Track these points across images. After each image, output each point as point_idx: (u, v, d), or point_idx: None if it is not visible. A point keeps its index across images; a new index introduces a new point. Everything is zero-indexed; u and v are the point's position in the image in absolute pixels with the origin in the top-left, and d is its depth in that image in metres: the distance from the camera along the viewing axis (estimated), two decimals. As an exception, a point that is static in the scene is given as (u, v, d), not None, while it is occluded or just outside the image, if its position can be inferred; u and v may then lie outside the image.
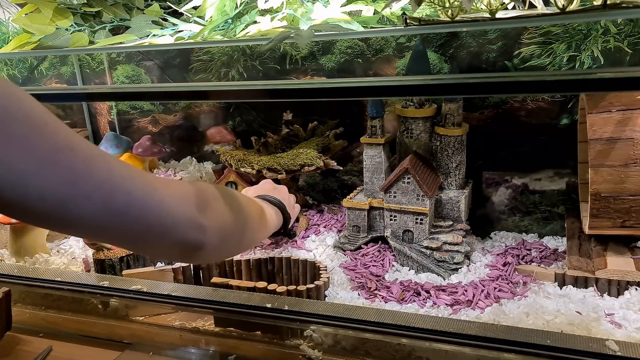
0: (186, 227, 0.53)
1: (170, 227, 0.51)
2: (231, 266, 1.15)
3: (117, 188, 0.47)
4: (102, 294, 1.05)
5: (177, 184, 0.55)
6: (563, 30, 1.11)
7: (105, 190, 0.47)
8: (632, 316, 0.90)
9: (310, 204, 1.49)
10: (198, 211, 0.54)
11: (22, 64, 1.80)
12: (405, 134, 1.26)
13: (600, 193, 0.99)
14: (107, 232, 0.49)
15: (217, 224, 0.57)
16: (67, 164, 0.45)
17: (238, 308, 0.94)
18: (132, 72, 1.67)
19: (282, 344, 0.93)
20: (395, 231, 1.20)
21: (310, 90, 0.83)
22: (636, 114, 0.98)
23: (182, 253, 0.55)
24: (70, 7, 1.17)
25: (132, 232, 0.50)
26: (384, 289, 1.06)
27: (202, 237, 0.54)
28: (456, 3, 0.80)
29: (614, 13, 0.68)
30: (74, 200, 0.45)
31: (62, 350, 0.99)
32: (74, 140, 0.46)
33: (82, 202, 0.45)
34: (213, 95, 1.06)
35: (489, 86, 0.72)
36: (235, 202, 0.64)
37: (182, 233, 0.53)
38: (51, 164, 0.44)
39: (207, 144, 1.69)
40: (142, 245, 0.54)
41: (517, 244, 1.23)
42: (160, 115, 1.71)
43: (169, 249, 0.54)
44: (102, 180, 0.47)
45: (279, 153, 1.39)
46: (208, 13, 1.05)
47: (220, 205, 0.59)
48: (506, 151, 1.29)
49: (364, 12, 0.98)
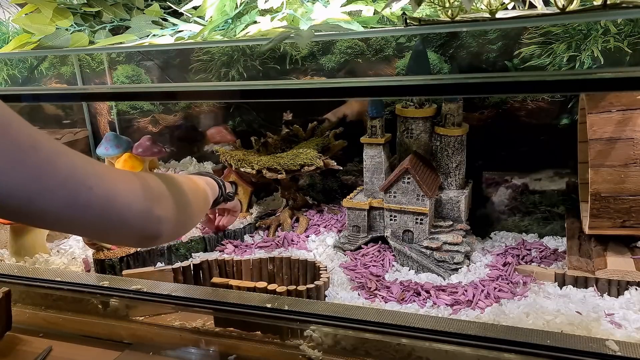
0: (145, 220, 0.57)
1: (130, 219, 0.56)
2: (231, 266, 1.15)
3: (80, 184, 0.50)
4: (102, 294, 1.05)
5: (133, 178, 0.59)
6: (563, 30, 1.11)
7: (69, 187, 0.49)
8: (632, 316, 0.90)
9: (310, 204, 1.49)
10: (155, 203, 0.59)
11: (22, 64, 1.80)
12: (405, 134, 1.26)
13: (600, 193, 0.99)
14: (71, 224, 0.52)
15: (170, 213, 0.62)
16: (32, 163, 0.47)
17: (238, 308, 0.94)
18: (132, 72, 1.67)
19: (282, 344, 0.93)
20: (395, 231, 1.20)
21: (310, 90, 0.83)
22: (636, 114, 0.98)
23: (141, 241, 0.62)
24: (70, 7, 1.17)
25: (95, 225, 0.53)
26: (384, 289, 1.06)
27: (159, 227, 0.59)
28: (456, 3, 0.80)
29: (614, 13, 0.68)
30: (39, 196, 0.47)
31: (62, 350, 0.99)
32: (38, 139, 0.48)
33: (47, 197, 0.48)
34: (213, 95, 1.06)
35: (489, 86, 0.72)
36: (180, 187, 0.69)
37: (141, 225, 0.57)
38: (16, 163, 0.45)
39: (207, 144, 1.69)
40: (104, 235, 0.58)
41: (517, 244, 1.23)
42: (160, 115, 1.71)
43: (128, 238, 0.60)
44: (66, 177, 0.49)
45: (279, 153, 1.39)
46: (208, 13, 1.05)
47: (171, 194, 0.64)
48: (506, 151, 1.29)
49: (364, 12, 0.98)
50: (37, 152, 0.47)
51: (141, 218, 0.57)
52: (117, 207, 0.54)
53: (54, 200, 0.48)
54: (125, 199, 0.55)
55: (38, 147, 0.48)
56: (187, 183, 0.74)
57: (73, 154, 0.51)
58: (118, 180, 0.55)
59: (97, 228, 0.54)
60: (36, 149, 0.47)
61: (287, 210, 1.41)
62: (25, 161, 0.46)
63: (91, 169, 0.52)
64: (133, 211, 0.56)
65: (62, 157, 0.50)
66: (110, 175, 0.54)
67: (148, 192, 0.59)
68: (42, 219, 0.50)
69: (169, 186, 0.65)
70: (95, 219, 0.52)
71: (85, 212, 0.51)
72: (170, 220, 0.61)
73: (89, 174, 0.51)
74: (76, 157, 0.51)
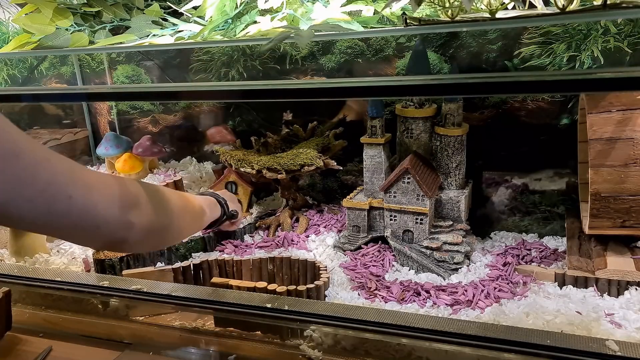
0: (114, 226, 0.58)
1: (102, 226, 0.57)
2: (231, 266, 1.15)
3: (59, 193, 0.51)
4: (102, 294, 1.05)
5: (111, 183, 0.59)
6: (563, 30, 1.11)
7: (47, 196, 0.50)
8: (632, 316, 0.90)
9: (310, 204, 1.49)
10: (128, 210, 0.60)
11: (22, 64, 1.80)
12: (405, 134, 1.26)
13: (600, 193, 0.99)
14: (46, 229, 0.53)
15: (144, 221, 0.62)
16: (11, 171, 0.47)
17: (238, 308, 0.94)
18: (132, 72, 1.67)
19: (282, 344, 0.93)
20: (395, 231, 1.20)
21: (310, 90, 0.83)
22: (636, 114, 0.98)
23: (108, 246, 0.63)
24: (70, 7, 1.17)
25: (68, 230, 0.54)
26: (384, 289, 1.06)
27: (127, 234, 0.60)
28: (456, 3, 0.80)
29: (614, 13, 0.68)
30: (16, 204, 0.48)
31: (62, 350, 0.99)
32: (21, 146, 0.48)
33: (25, 206, 0.49)
34: (213, 95, 1.06)
35: (489, 86, 0.72)
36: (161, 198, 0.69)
37: (111, 231, 0.58)
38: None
39: (207, 144, 1.69)
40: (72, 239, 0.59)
41: (517, 244, 1.23)
42: (160, 115, 1.71)
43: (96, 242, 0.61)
44: (44, 186, 0.50)
45: (279, 153, 1.39)
46: (208, 13, 1.05)
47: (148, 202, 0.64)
48: (506, 151, 1.29)
49: (364, 12, 0.98)
50: (18, 161, 0.47)
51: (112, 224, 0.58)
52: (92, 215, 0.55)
53: (32, 208, 0.49)
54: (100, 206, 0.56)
55: (20, 156, 0.48)
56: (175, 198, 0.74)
57: (56, 160, 0.52)
58: (96, 187, 0.56)
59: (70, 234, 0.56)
60: (18, 157, 0.47)
61: (287, 210, 1.41)
62: (4, 170, 0.46)
63: (71, 177, 0.52)
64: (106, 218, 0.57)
65: (44, 165, 0.50)
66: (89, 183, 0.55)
67: (124, 198, 0.60)
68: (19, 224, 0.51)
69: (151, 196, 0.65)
70: (70, 225, 0.53)
71: (62, 220, 0.52)
72: (142, 226, 0.62)
73: (68, 183, 0.52)
74: (59, 164, 0.52)
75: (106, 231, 0.58)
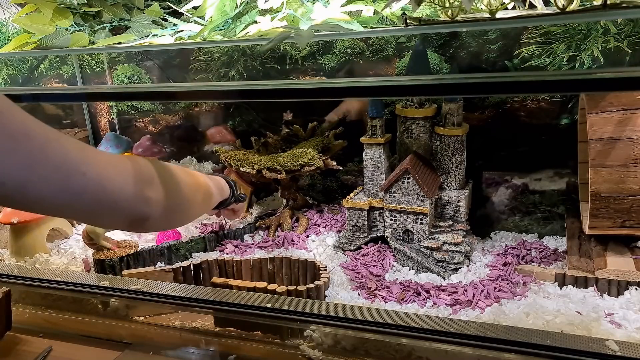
0: (134, 202, 0.58)
1: (121, 202, 0.56)
2: (231, 266, 1.15)
3: (73, 170, 0.51)
4: (102, 294, 1.05)
5: (126, 161, 0.59)
6: (563, 30, 1.11)
7: (62, 173, 0.50)
8: (632, 316, 0.90)
9: (310, 204, 1.49)
10: (144, 186, 0.60)
11: (22, 64, 1.80)
12: (405, 134, 1.26)
13: (600, 193, 0.99)
14: (65, 209, 0.53)
15: (161, 197, 0.62)
16: (24, 150, 0.47)
17: (238, 308, 0.94)
18: (132, 72, 1.67)
19: (282, 344, 0.93)
20: (395, 231, 1.20)
21: (310, 90, 0.83)
22: (636, 114, 0.98)
23: (131, 224, 0.61)
24: (70, 7, 1.17)
25: (87, 209, 0.54)
26: (384, 289, 1.06)
27: (147, 210, 0.60)
28: (456, 3, 0.80)
29: (614, 13, 0.68)
30: (32, 184, 0.48)
31: (62, 350, 0.99)
32: (30, 126, 0.48)
33: (40, 185, 0.49)
34: (213, 95, 1.06)
35: (489, 86, 0.72)
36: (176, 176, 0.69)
37: (131, 207, 0.58)
38: (8, 151, 0.46)
39: (207, 144, 1.69)
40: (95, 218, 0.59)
41: (517, 244, 1.23)
42: (160, 115, 1.71)
43: (119, 220, 0.60)
44: (58, 164, 0.50)
45: (279, 153, 1.39)
46: (208, 13, 1.05)
47: (164, 179, 0.64)
48: (506, 151, 1.29)
49: (364, 12, 0.98)
50: (29, 140, 0.47)
51: (131, 199, 0.58)
52: (109, 191, 0.55)
53: (48, 187, 0.49)
54: (116, 182, 0.56)
55: (31, 135, 0.48)
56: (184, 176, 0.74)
57: (65, 140, 0.52)
58: (110, 164, 0.56)
59: (91, 212, 0.55)
60: (29, 136, 0.48)
61: (287, 210, 1.41)
62: (17, 149, 0.46)
63: (84, 155, 0.53)
64: (124, 193, 0.57)
65: (54, 144, 0.50)
66: (102, 160, 0.55)
67: (139, 174, 0.59)
68: (37, 205, 0.51)
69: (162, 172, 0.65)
70: (88, 203, 0.53)
71: (79, 198, 0.52)
72: (160, 202, 0.62)
73: (81, 160, 0.52)
74: (69, 143, 0.52)
75: (125, 207, 0.57)
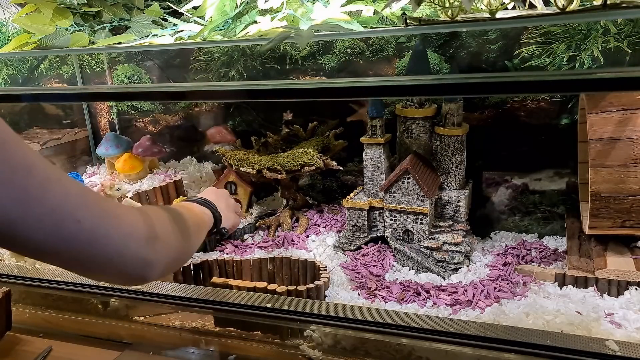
0: (131, 262, 0.54)
1: (116, 259, 0.52)
2: (231, 266, 1.15)
3: (68, 215, 0.48)
4: (102, 294, 1.05)
5: (128, 214, 0.55)
6: (563, 30, 1.11)
7: (56, 216, 0.47)
8: (632, 316, 0.90)
9: (310, 204, 1.49)
10: (146, 246, 0.55)
11: (22, 64, 1.80)
12: (405, 134, 1.26)
13: (600, 193, 0.99)
14: (53, 256, 0.49)
15: (163, 257, 0.58)
16: (22, 185, 0.45)
17: (238, 308, 0.94)
18: (132, 72, 1.67)
19: (282, 344, 0.93)
20: (395, 231, 1.20)
21: (310, 90, 0.83)
22: (636, 114, 0.98)
23: (126, 282, 0.58)
24: (70, 7, 1.17)
25: (77, 259, 0.51)
26: (384, 289, 1.06)
27: (146, 272, 0.56)
28: (456, 3, 0.80)
29: (614, 13, 0.68)
30: (23, 221, 0.45)
31: (62, 350, 0.99)
32: (33, 161, 0.46)
33: (31, 224, 0.46)
34: (213, 95, 1.06)
35: (489, 86, 0.72)
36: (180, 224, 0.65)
37: (127, 267, 0.54)
38: (5, 183, 0.43)
39: (207, 144, 1.69)
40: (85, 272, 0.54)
41: (517, 244, 1.23)
42: (160, 115, 1.71)
43: (112, 277, 0.56)
44: (54, 206, 0.47)
45: (279, 153, 1.39)
46: (208, 13, 1.05)
47: (168, 235, 0.61)
48: (506, 151, 1.29)
49: (364, 12, 0.98)
50: (29, 175, 0.45)
51: (128, 258, 0.54)
52: (103, 245, 0.51)
53: (39, 228, 0.46)
54: (113, 237, 0.52)
55: (32, 171, 0.46)
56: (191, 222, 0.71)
57: (67, 181, 0.49)
58: (112, 215, 0.52)
59: (80, 262, 0.51)
60: (29, 172, 0.45)
61: (287, 210, 1.41)
62: (13, 182, 0.44)
63: (83, 201, 0.49)
64: (119, 249, 0.53)
65: (54, 184, 0.47)
66: (104, 210, 0.51)
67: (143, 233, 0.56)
68: (24, 245, 0.47)
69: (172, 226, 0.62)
70: (79, 254, 0.50)
71: (70, 245, 0.49)
72: (162, 264, 0.58)
73: (79, 207, 0.49)
74: (70, 185, 0.49)
75: (121, 266, 0.53)
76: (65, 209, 0.48)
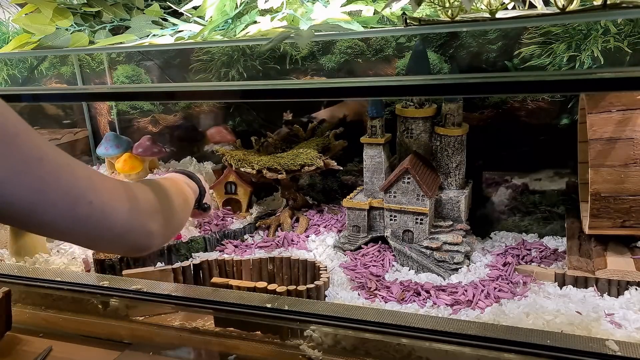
0: (137, 235, 0.61)
1: (123, 233, 0.58)
2: (231, 266, 1.15)
3: (80, 197, 0.52)
4: (102, 294, 1.05)
5: (132, 191, 0.61)
6: (563, 30, 1.11)
7: (69, 199, 0.51)
8: (632, 316, 0.90)
9: (310, 204, 1.49)
10: (148, 219, 0.62)
11: (22, 64, 1.80)
12: (405, 134, 1.26)
13: (600, 193, 0.99)
14: (69, 235, 0.55)
15: (161, 226, 0.64)
16: (36, 174, 0.48)
17: (238, 308, 0.94)
18: (132, 72, 1.67)
19: (282, 344, 0.93)
20: (395, 231, 1.20)
21: (310, 90, 0.83)
22: (636, 114, 0.98)
23: (129, 253, 0.65)
24: (70, 7, 1.17)
25: (90, 235, 0.56)
26: (384, 289, 1.06)
27: (149, 242, 0.63)
28: (456, 3, 0.80)
29: (614, 13, 0.68)
30: (41, 207, 0.50)
31: (62, 350, 0.99)
32: (44, 150, 0.50)
33: (48, 209, 0.50)
34: (213, 95, 1.06)
35: (489, 86, 0.72)
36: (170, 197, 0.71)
37: (133, 239, 0.60)
38: (21, 174, 0.47)
39: (207, 144, 1.69)
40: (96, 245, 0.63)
41: (517, 244, 1.23)
42: (160, 115, 1.71)
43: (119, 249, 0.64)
44: (67, 190, 0.51)
45: (279, 153, 1.39)
46: (208, 13, 1.05)
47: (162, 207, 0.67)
48: (506, 151, 1.29)
49: (364, 12, 0.98)
50: (42, 164, 0.49)
51: (135, 232, 0.60)
52: (113, 221, 0.56)
53: (55, 211, 0.50)
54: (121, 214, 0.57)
55: (44, 160, 0.49)
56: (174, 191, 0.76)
57: (76, 165, 0.53)
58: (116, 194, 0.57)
59: (93, 239, 0.57)
60: (41, 161, 0.49)
61: (287, 210, 1.41)
62: (29, 172, 0.48)
63: (91, 183, 0.54)
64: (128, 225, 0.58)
65: (65, 170, 0.51)
66: (108, 189, 0.57)
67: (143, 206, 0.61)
68: (42, 228, 0.52)
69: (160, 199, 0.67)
70: (92, 231, 0.55)
71: (84, 225, 0.53)
72: (161, 233, 0.64)
73: (89, 188, 0.53)
74: (79, 169, 0.53)
75: (129, 239, 0.60)
76: (77, 191, 0.52)
